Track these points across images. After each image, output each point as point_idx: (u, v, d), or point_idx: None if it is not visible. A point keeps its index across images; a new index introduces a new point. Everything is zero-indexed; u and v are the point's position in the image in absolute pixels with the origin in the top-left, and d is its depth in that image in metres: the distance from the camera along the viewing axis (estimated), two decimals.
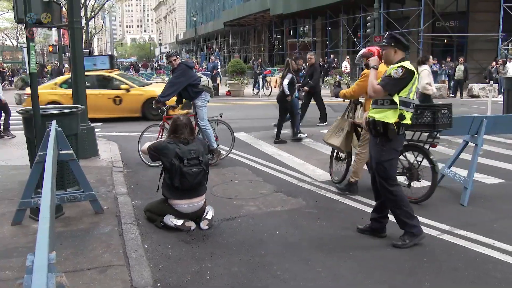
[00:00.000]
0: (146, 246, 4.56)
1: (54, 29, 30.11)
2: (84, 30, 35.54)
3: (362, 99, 6.39)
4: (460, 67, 21.93)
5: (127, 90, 14.28)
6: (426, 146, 5.85)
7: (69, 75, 15.10)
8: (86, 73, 14.57)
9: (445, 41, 27.43)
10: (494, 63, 22.90)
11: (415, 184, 5.89)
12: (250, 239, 4.77)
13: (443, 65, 23.79)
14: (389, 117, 4.44)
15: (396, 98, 4.43)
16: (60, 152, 4.88)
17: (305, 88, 12.06)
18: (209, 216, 5.12)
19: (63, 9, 12.47)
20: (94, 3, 47.23)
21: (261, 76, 23.91)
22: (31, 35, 5.20)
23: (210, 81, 8.23)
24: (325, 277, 3.95)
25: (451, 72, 22.87)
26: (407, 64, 4.45)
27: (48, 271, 1.52)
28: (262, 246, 4.60)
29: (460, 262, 4.20)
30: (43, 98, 13.07)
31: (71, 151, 5.03)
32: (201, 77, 8.05)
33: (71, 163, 5.12)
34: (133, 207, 5.70)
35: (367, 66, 5.24)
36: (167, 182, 5.05)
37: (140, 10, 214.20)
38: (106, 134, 11.44)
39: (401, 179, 5.64)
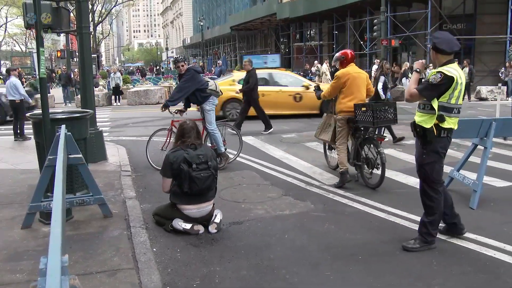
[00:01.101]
0: (155, 249, 4.58)
1: (62, 34, 30.30)
2: (91, 35, 35.76)
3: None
4: (465, 70, 21.83)
5: (307, 88, 14.64)
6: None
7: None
8: (263, 71, 15.63)
9: None
10: (508, 64, 22.80)
11: (374, 172, 6.70)
12: (258, 243, 4.77)
13: None
14: (427, 121, 4.39)
15: (435, 104, 4.35)
16: (70, 156, 4.91)
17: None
18: (217, 220, 5.13)
19: (72, 14, 12.57)
20: (102, 9, 47.54)
21: None
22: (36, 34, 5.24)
23: (217, 85, 8.25)
24: (333, 281, 3.94)
25: None
26: (447, 69, 4.30)
27: (61, 274, 1.53)
28: (271, 249, 4.61)
29: (470, 266, 4.18)
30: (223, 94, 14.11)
31: (80, 155, 5.06)
32: (208, 81, 8.07)
33: (80, 167, 5.15)
34: (142, 210, 5.72)
35: (333, 73, 5.41)
36: (175, 189, 5.07)
37: (147, 15, 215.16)
38: (114, 138, 11.49)
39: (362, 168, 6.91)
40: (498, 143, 9.49)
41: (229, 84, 14.75)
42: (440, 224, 4.77)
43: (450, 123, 4.43)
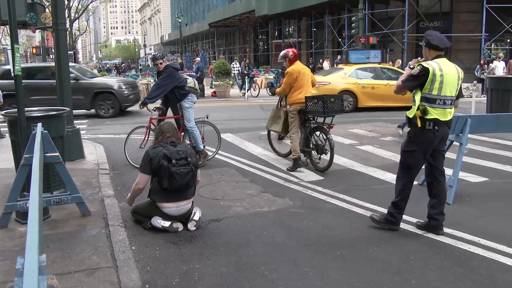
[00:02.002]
0: (134, 248, 4.55)
1: (37, 30, 29.85)
2: (68, 32, 35.25)
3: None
4: None
5: None
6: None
7: (358, 65, 16.55)
8: (371, 65, 16.93)
9: None
10: (482, 61, 23.25)
11: (322, 157, 7.63)
12: (237, 240, 4.78)
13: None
14: (411, 112, 4.71)
15: (417, 95, 4.64)
16: (46, 154, 4.85)
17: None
18: (196, 217, 5.12)
19: (47, 10, 12.39)
20: (78, 5, 46.94)
21: (249, 77, 23.95)
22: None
23: (196, 82, 8.22)
24: (312, 277, 3.98)
25: None
26: (428, 62, 4.62)
27: (39, 273, 1.51)
28: (250, 246, 4.62)
29: (446, 260, 4.26)
30: (336, 87, 15.28)
31: (57, 154, 5.00)
32: (187, 78, 8.05)
33: (57, 166, 5.09)
34: (120, 209, 5.68)
35: (283, 69, 5.71)
36: (155, 186, 5.05)
37: (125, 12, 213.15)
38: (92, 136, 11.37)
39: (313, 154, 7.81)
40: (473, 139, 9.66)
41: (341, 78, 15.83)
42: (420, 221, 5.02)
43: (434, 114, 4.61)
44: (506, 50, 27.76)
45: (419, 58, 5.11)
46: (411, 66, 4.83)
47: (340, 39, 32.45)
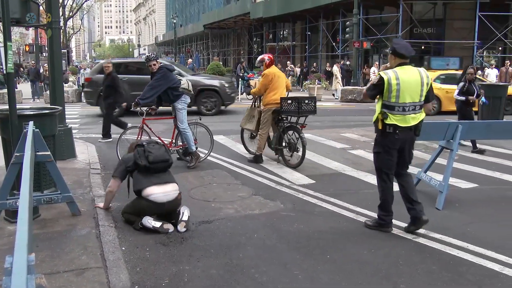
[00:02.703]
0: (123, 248, 4.54)
1: (31, 28, 29.70)
2: (62, 30, 35.12)
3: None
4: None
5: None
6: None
7: (440, 71, 16.89)
8: (452, 71, 17.32)
9: (422, 47, 27.84)
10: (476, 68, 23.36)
11: (294, 155, 8.10)
12: (228, 242, 4.78)
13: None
14: (374, 117, 5.00)
15: (379, 103, 4.93)
16: (37, 153, 4.83)
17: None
18: (185, 218, 5.12)
19: (41, 8, 12.34)
20: (73, 3, 46.74)
21: (243, 79, 23.98)
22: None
23: (190, 84, 8.22)
24: (302, 280, 3.99)
25: None
26: (387, 71, 4.86)
27: (27, 272, 1.51)
28: (240, 249, 4.62)
29: (435, 265, 4.28)
30: None
31: (49, 153, 4.98)
32: (181, 80, 8.04)
33: (48, 165, 5.07)
34: (111, 209, 5.66)
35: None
36: (136, 176, 5.20)
37: (119, 11, 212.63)
38: (84, 135, 11.34)
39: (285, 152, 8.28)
40: (464, 146, 9.71)
41: None
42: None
43: (393, 119, 4.85)
44: (497, 57, 27.96)
45: (387, 65, 5.31)
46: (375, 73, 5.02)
47: (334, 43, 32.53)
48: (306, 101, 7.96)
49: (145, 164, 5.11)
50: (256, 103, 8.74)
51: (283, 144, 8.26)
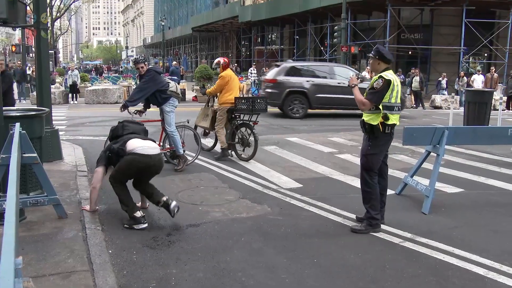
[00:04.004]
0: (110, 251, 4.52)
1: (17, 28, 29.44)
2: (49, 31, 34.86)
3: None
4: (416, 78, 22.48)
5: None
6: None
7: None
8: None
9: (410, 52, 28.07)
10: (462, 74, 23.68)
11: (246, 149, 8.87)
12: (215, 245, 4.78)
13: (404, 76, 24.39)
14: (374, 120, 5.10)
15: (380, 105, 5.07)
16: (24, 155, 4.79)
17: None
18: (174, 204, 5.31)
19: (28, 8, 12.25)
20: (60, 4, 46.44)
21: None
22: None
23: (178, 86, 8.20)
24: (289, 284, 4.00)
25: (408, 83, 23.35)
26: (386, 73, 5.07)
27: (15, 276, 1.50)
28: (227, 252, 4.62)
29: (421, 269, 4.32)
30: None
31: (35, 155, 4.94)
32: (169, 82, 8.02)
33: (35, 167, 5.03)
34: (98, 211, 5.63)
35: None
36: (117, 147, 5.25)
37: (107, 13, 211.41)
38: (71, 137, 11.26)
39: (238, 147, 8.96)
40: (450, 151, 9.81)
41: None
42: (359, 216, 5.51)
43: (393, 119, 5.14)
44: (483, 64, 28.28)
45: (355, 77, 5.48)
46: (354, 85, 5.23)
47: (322, 48, 32.67)
48: (258, 101, 8.92)
49: (121, 133, 5.41)
50: (210, 103, 9.37)
51: (236, 139, 9.00)
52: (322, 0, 27.81)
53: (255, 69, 26.45)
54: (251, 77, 25.58)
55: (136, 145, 5.14)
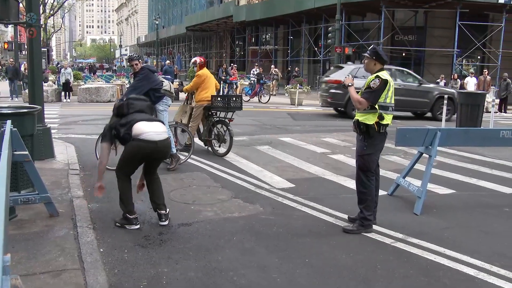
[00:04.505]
0: (102, 250, 4.50)
1: (10, 25, 29.31)
2: (42, 28, 34.68)
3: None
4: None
5: None
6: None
7: None
8: None
9: (403, 54, 28.18)
10: (456, 76, 23.79)
11: (222, 146, 9.22)
12: (207, 245, 4.77)
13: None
14: (369, 119, 5.12)
15: (376, 104, 5.10)
16: (15, 153, 4.76)
17: None
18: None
19: (21, 5, 12.19)
20: (54, 1, 46.18)
21: (226, 82, 24.00)
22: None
23: (172, 85, 8.18)
24: (280, 283, 4.00)
25: None
26: (382, 73, 5.13)
27: (2, 273, 1.49)
28: (219, 251, 4.62)
29: (412, 269, 4.33)
30: None
31: (26, 152, 4.91)
32: (163, 81, 8.00)
33: (26, 165, 5.00)
34: (89, 210, 5.61)
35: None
36: (124, 131, 5.07)
37: (101, 11, 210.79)
38: (63, 135, 11.21)
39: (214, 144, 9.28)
40: (442, 152, 9.85)
41: None
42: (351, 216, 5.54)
43: (388, 119, 5.18)
44: (476, 66, 28.43)
45: (350, 77, 5.52)
46: (350, 84, 5.28)
47: (316, 48, 32.74)
48: (234, 99, 9.18)
49: (127, 112, 5.21)
50: (188, 101, 9.61)
51: (212, 136, 9.33)
52: (317, 1, 27.89)
53: (257, 70, 26.57)
54: (253, 77, 25.65)
55: (142, 130, 4.95)
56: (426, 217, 5.86)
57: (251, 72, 27.25)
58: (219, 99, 9.21)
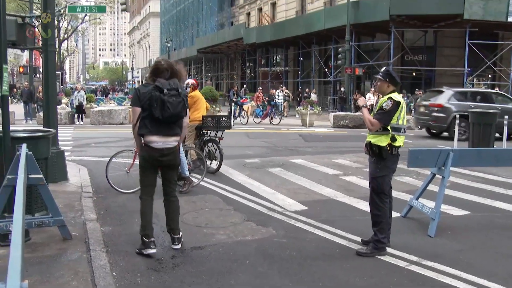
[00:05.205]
0: (115, 273, 4.50)
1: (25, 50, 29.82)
2: (56, 52, 35.22)
3: None
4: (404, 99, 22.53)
5: None
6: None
7: None
8: None
9: (414, 74, 28.18)
10: None
11: (212, 163, 9.69)
12: (220, 268, 4.75)
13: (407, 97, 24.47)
14: (382, 141, 5.16)
15: (388, 126, 5.14)
16: (30, 176, 4.81)
17: None
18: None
19: (37, 30, 12.40)
20: (68, 25, 47.00)
21: (237, 104, 24.15)
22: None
23: None
24: None
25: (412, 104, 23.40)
26: (394, 95, 5.18)
27: None
28: (232, 275, 4.60)
29: None
30: None
31: (41, 176, 4.96)
32: None
33: (41, 188, 5.04)
34: (102, 233, 5.62)
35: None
36: (143, 122, 4.98)
37: (114, 34, 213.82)
38: (76, 158, 11.29)
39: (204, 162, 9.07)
40: (456, 172, 9.77)
41: None
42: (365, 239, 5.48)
43: (400, 141, 5.22)
44: (487, 85, 28.33)
45: (363, 98, 5.67)
46: (365, 105, 5.37)
47: (326, 69, 32.86)
48: (223, 118, 9.67)
49: (158, 117, 4.91)
50: None
51: (204, 154, 9.59)
52: (326, 22, 28.07)
53: (282, 92, 27.08)
54: (279, 99, 26.28)
55: (154, 140, 5.00)
56: (440, 239, 5.80)
57: (276, 93, 27.74)
58: (209, 119, 9.64)
